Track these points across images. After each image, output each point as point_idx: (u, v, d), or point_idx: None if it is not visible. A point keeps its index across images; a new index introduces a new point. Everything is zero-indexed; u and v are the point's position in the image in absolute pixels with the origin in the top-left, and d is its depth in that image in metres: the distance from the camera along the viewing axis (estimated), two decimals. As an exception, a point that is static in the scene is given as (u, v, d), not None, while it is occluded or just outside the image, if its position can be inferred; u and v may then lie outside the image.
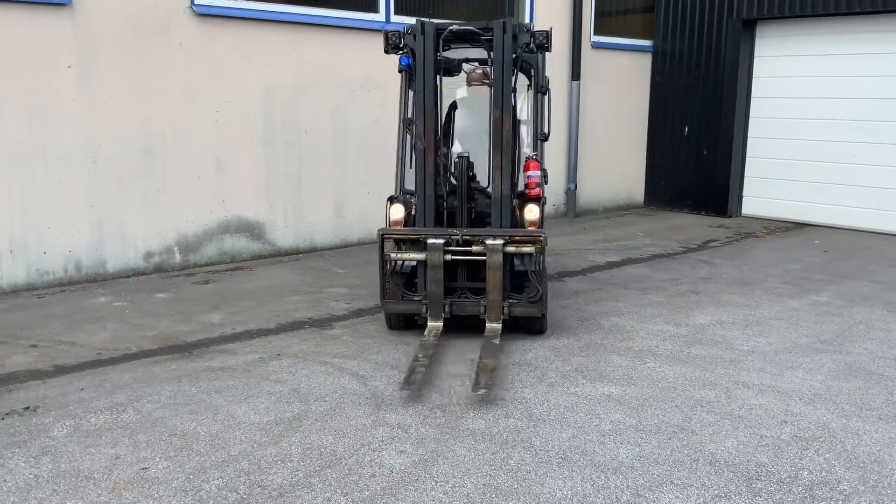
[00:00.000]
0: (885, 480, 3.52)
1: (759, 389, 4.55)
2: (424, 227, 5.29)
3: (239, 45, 7.44)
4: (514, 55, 5.24)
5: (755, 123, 10.52)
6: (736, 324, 5.82)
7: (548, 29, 5.45)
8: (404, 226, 5.32)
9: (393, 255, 5.21)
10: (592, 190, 10.97)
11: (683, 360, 5.04)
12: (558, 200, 10.59)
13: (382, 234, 5.11)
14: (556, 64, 10.23)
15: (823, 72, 9.78)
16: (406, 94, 5.57)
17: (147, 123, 7.02)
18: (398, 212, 5.33)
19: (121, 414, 4.14)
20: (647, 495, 3.37)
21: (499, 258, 4.99)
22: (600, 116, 10.83)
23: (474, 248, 5.07)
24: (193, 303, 6.26)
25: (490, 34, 5.26)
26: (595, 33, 10.61)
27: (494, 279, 5.02)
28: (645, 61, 11.25)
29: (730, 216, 10.67)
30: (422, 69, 5.27)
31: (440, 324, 5.15)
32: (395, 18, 8.47)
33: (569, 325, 5.71)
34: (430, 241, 5.06)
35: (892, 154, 9.32)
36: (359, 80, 8.29)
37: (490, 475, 3.52)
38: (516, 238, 5.08)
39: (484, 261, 5.04)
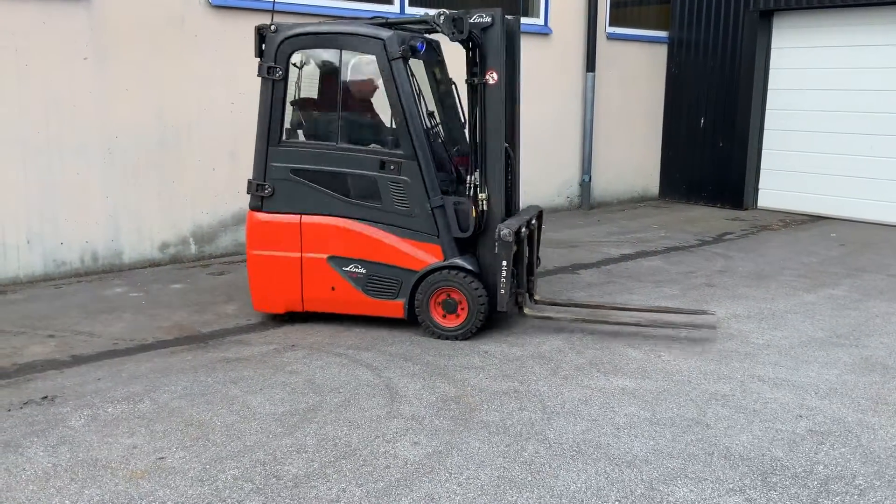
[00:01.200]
0: (902, 475, 3.50)
1: (774, 383, 4.53)
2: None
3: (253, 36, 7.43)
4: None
5: (771, 115, 10.45)
6: (751, 317, 5.79)
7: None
8: None
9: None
10: (607, 182, 10.92)
11: (698, 353, 5.03)
12: (573, 192, 10.56)
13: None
14: (570, 55, 10.20)
15: (841, 63, 9.69)
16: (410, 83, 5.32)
17: (162, 115, 7.05)
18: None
19: (137, 404, 4.17)
20: (661, 489, 3.37)
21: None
22: (615, 108, 10.78)
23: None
24: (209, 293, 6.29)
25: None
26: (610, 24, 10.55)
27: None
28: (660, 52, 11.18)
29: (745, 209, 10.61)
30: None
31: None
32: (409, 10, 8.45)
33: (582, 319, 5.70)
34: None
35: (911, 146, 9.23)
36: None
37: (504, 467, 3.53)
38: None
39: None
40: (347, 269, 5.30)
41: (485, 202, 5.18)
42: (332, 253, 5.30)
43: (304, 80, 5.61)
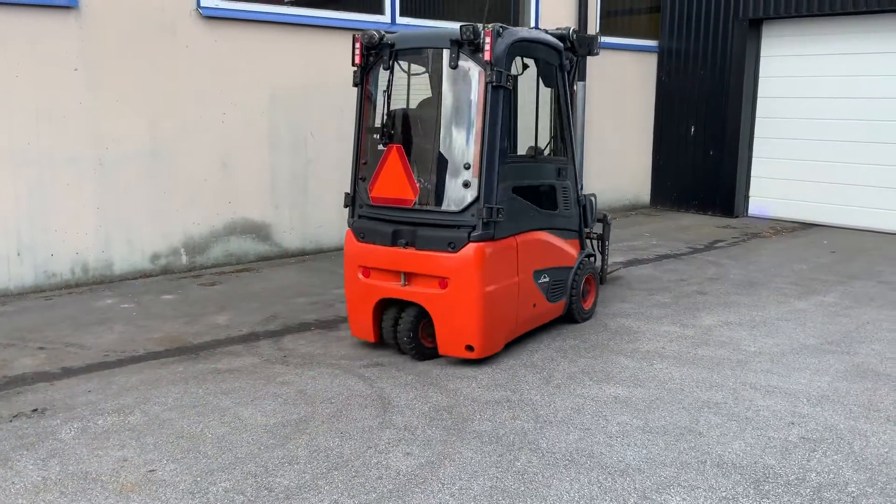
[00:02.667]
0: (894, 482, 3.50)
1: (766, 391, 4.54)
2: None
3: (245, 47, 7.45)
4: None
5: (761, 123, 10.50)
6: (743, 325, 5.81)
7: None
8: None
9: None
10: (598, 190, 10.93)
11: (690, 361, 5.03)
12: (564, 201, 10.57)
13: None
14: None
15: (830, 71, 9.76)
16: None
17: (153, 126, 7.04)
18: None
19: (128, 416, 4.15)
20: (654, 497, 3.36)
21: None
22: (606, 117, 10.82)
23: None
24: (200, 304, 6.27)
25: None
26: (601, 34, 10.59)
27: None
28: (651, 61, 11.24)
29: (736, 216, 10.65)
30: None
31: None
32: (400, 20, 8.48)
33: (575, 327, 5.70)
34: None
35: (900, 154, 9.29)
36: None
37: (497, 477, 3.52)
38: None
39: None
40: (539, 281, 5.25)
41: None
42: (534, 268, 5.18)
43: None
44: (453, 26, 4.94)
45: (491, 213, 4.66)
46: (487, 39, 4.62)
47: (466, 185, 4.72)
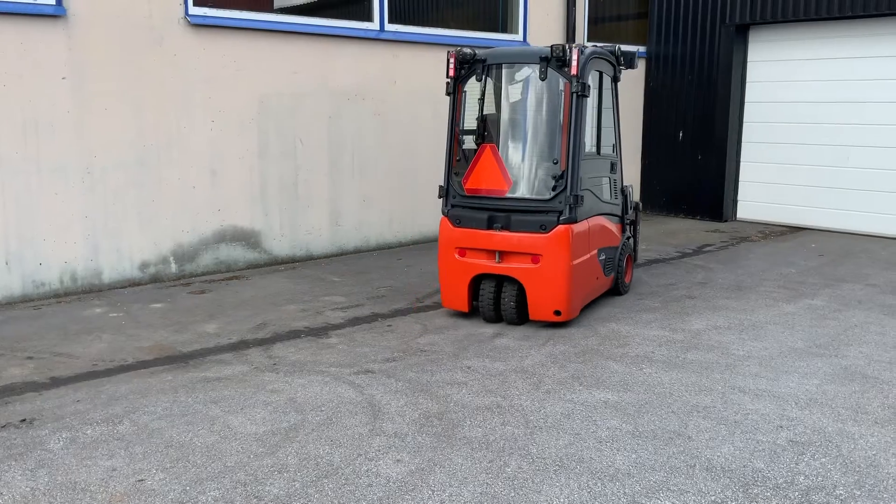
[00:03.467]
0: (882, 484, 3.52)
1: (754, 394, 4.56)
2: None
3: (233, 54, 7.45)
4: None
5: (749, 128, 10.57)
6: (731, 328, 5.83)
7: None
8: None
9: None
10: (588, 196, 10.98)
11: (679, 365, 5.05)
12: (554, 206, 10.60)
13: None
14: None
15: (816, 76, 9.83)
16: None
17: (142, 134, 7.03)
18: None
19: (117, 425, 4.14)
20: (643, 502, 3.37)
21: None
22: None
23: None
24: (189, 313, 6.25)
25: None
26: (588, 39, 10.64)
27: None
28: (639, 67, 11.28)
29: (725, 220, 10.70)
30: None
31: None
32: (388, 27, 8.50)
33: (564, 332, 5.72)
34: None
35: (886, 157, 9.36)
36: (354, 89, 8.32)
37: (487, 483, 3.53)
38: None
39: None
40: (600, 258, 6.26)
41: None
42: (598, 247, 6.18)
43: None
44: (539, 46, 6.19)
45: (576, 200, 5.65)
46: (574, 56, 5.60)
47: (555, 177, 5.71)
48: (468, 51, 5.96)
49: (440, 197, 6.03)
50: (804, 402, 4.45)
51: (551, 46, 5.65)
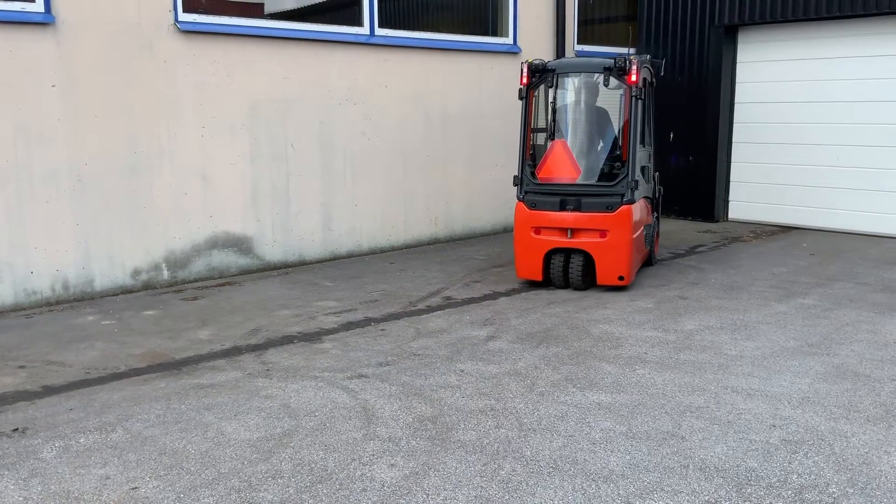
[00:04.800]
0: (874, 482, 3.54)
1: (747, 394, 4.58)
2: None
3: (224, 60, 7.45)
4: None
5: (739, 128, 10.61)
6: (724, 328, 5.85)
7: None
8: None
9: None
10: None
11: (672, 366, 5.06)
12: (546, 209, 10.62)
13: None
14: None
15: (804, 76, 9.88)
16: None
17: (132, 140, 7.02)
18: None
19: (110, 433, 4.12)
20: (637, 503, 3.38)
21: None
22: (586, 124, 10.87)
23: None
24: (182, 319, 6.24)
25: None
26: (578, 42, 10.67)
27: None
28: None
29: (717, 221, 10.73)
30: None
31: None
32: (378, 32, 8.50)
33: (557, 334, 5.73)
34: None
35: (876, 156, 9.41)
36: (344, 94, 8.32)
37: (481, 486, 3.53)
38: None
39: None
40: (644, 233, 7.35)
41: None
42: (643, 224, 7.30)
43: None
44: (603, 57, 7.60)
45: (635, 185, 6.75)
46: (634, 67, 6.69)
47: (618, 166, 6.84)
48: (538, 61, 7.00)
49: (515, 185, 7.03)
50: (797, 401, 4.47)
51: (615, 59, 6.71)
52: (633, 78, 6.69)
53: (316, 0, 8.43)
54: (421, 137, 9.03)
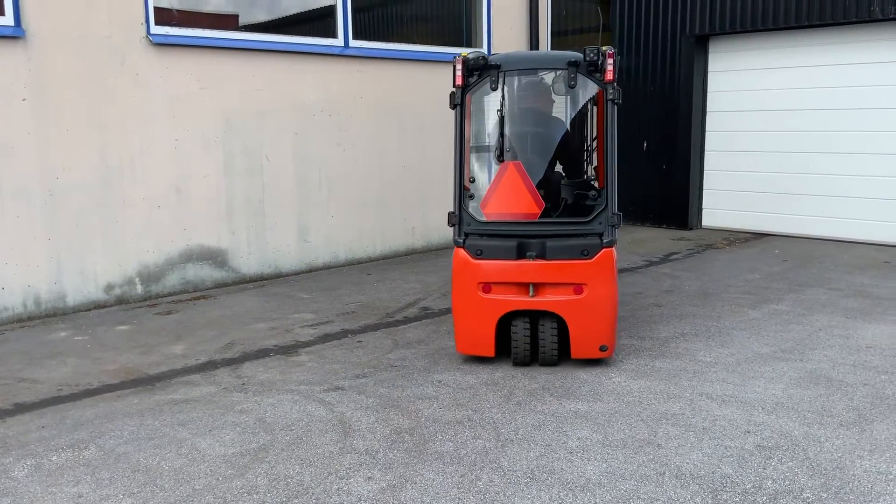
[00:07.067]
0: (848, 486, 3.57)
1: (722, 400, 4.61)
2: None
3: (197, 73, 7.41)
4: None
5: (711, 137, 10.72)
6: (698, 335, 5.89)
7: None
8: None
9: None
10: (555, 207, 11.05)
11: (647, 373, 5.09)
12: (522, 218, 10.65)
13: None
14: (514, 83, 10.34)
15: (775, 84, 10.01)
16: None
17: (104, 154, 6.96)
18: None
19: (83, 451, 4.07)
20: (614, 511, 3.39)
21: None
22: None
23: None
24: (156, 334, 6.18)
25: None
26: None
27: None
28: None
29: (691, 228, 10.83)
30: None
31: None
32: (353, 43, 8.51)
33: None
34: None
35: (846, 163, 9.54)
36: (319, 105, 8.31)
37: (459, 498, 3.52)
38: None
39: None
40: None
41: None
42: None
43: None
44: (563, 51, 5.47)
45: (618, 219, 5.07)
46: (610, 61, 5.02)
47: (594, 195, 5.25)
48: (476, 54, 5.22)
49: (451, 225, 5.21)
50: (771, 406, 4.51)
51: (584, 50, 5.09)
52: (610, 75, 5.03)
53: (290, 12, 8.41)
54: (397, 148, 9.03)
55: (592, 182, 5.47)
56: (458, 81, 5.20)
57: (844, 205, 9.61)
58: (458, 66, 5.19)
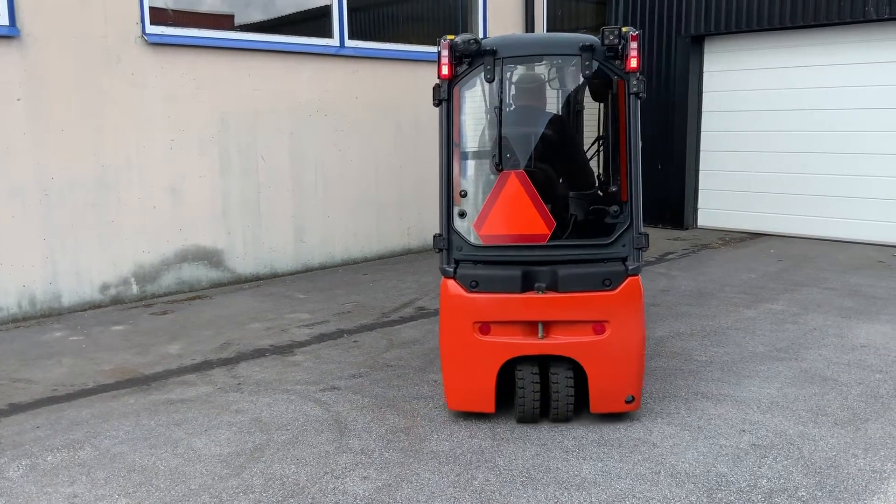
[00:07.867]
0: (842, 485, 3.59)
1: (717, 399, 4.62)
2: None
3: (193, 73, 7.40)
4: None
5: (707, 137, 10.74)
6: (694, 335, 5.90)
7: None
8: None
9: None
10: (551, 207, 11.05)
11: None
12: (518, 218, 10.65)
13: None
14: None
15: (770, 84, 10.03)
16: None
17: (100, 154, 6.94)
18: None
19: (78, 451, 4.06)
20: (610, 510, 3.39)
21: None
22: (556, 134, 10.94)
23: None
24: (151, 334, 6.17)
25: None
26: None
27: None
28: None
29: (686, 228, 10.84)
30: None
31: None
32: (349, 43, 8.51)
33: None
34: None
35: (840, 163, 9.56)
36: (314, 105, 8.31)
37: (455, 497, 3.52)
38: None
39: None
40: None
41: None
42: None
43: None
44: (570, 33, 4.62)
45: (644, 240, 4.16)
46: (633, 45, 4.03)
47: (616, 211, 4.21)
48: (469, 39, 4.12)
49: (437, 250, 4.22)
50: (766, 405, 4.52)
51: (602, 31, 4.05)
52: (634, 63, 4.05)
53: (286, 12, 8.41)
54: (392, 148, 9.03)
55: (612, 194, 4.30)
56: (445, 72, 4.12)
57: (839, 205, 9.63)
58: (445, 53, 4.10)
